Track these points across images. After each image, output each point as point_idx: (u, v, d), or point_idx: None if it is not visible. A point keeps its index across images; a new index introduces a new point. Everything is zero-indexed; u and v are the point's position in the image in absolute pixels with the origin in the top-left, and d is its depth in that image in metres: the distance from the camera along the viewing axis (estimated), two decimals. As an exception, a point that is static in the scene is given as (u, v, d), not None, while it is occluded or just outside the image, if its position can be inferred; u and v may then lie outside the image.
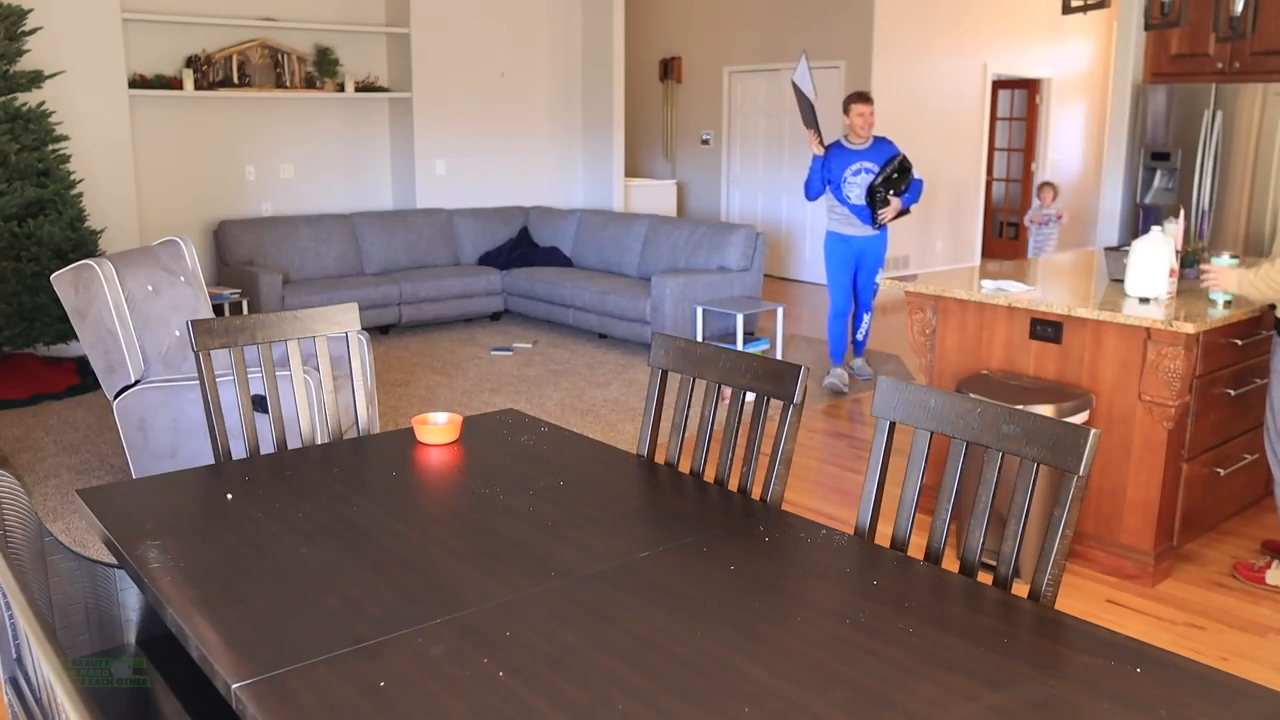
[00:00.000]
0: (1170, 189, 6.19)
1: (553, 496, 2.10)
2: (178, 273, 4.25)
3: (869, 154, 5.60)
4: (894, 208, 5.60)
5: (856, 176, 5.60)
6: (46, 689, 1.23)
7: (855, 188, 5.62)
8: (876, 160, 5.57)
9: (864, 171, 5.58)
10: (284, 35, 7.36)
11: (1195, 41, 5.96)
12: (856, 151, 5.62)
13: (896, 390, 2.01)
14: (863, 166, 5.58)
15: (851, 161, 5.61)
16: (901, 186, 5.58)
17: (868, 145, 5.62)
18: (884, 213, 5.62)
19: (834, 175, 5.65)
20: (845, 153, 5.65)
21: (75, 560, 2.06)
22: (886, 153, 5.61)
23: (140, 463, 3.80)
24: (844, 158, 5.64)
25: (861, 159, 5.60)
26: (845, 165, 5.62)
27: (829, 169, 5.66)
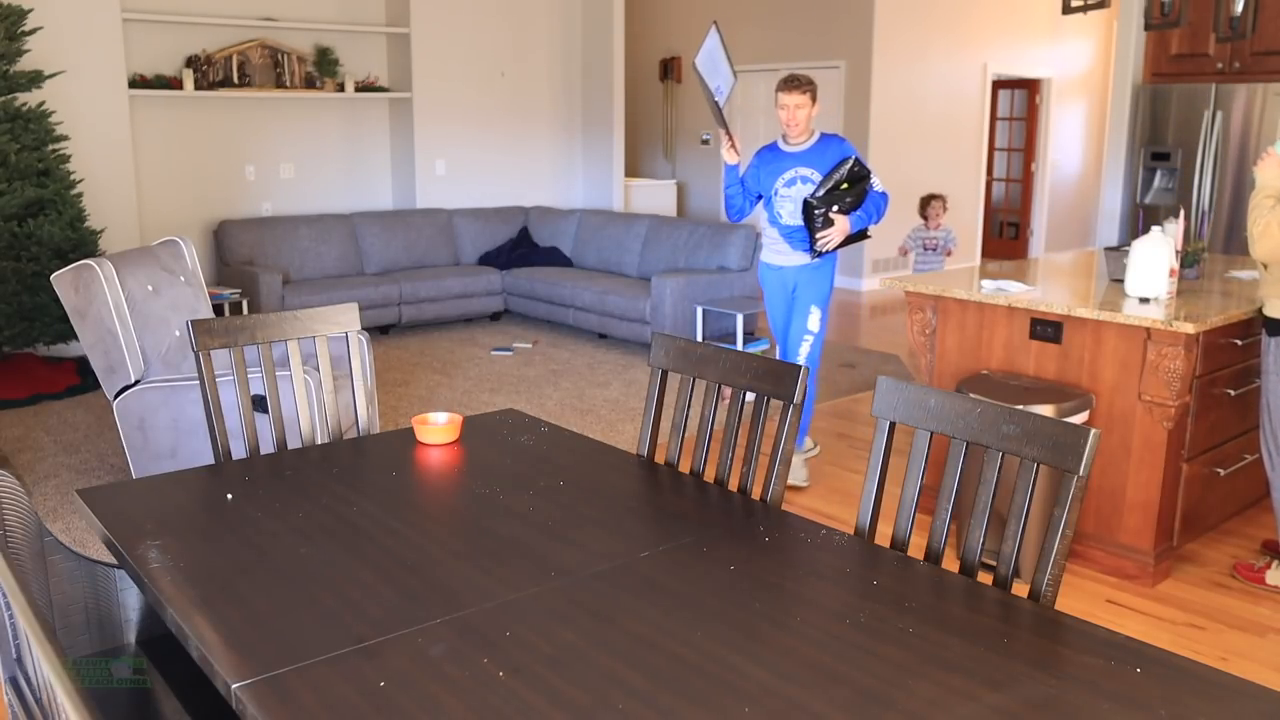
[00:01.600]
0: (1170, 189, 6.20)
1: (553, 496, 2.10)
2: (178, 273, 4.25)
3: (809, 158, 4.15)
4: (840, 229, 4.06)
5: (791, 188, 4.16)
6: (46, 689, 1.23)
7: (788, 202, 4.19)
8: (819, 166, 4.11)
9: (801, 181, 4.14)
10: (284, 35, 7.36)
11: (1195, 41, 5.96)
12: (792, 155, 4.17)
13: (896, 390, 2.01)
14: (799, 174, 4.15)
15: (785, 168, 4.18)
16: (849, 200, 4.08)
17: (807, 146, 4.17)
18: (825, 236, 4.09)
19: (765, 186, 4.27)
20: (779, 157, 4.21)
21: (75, 560, 2.06)
22: (834, 156, 4.11)
23: (140, 463, 3.80)
24: (777, 163, 4.21)
25: (798, 164, 4.16)
26: (778, 173, 4.20)
27: (759, 178, 4.28)
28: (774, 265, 4.39)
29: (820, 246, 4.13)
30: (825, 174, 4.09)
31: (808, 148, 4.18)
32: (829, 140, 4.21)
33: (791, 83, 4.09)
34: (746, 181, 4.31)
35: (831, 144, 4.19)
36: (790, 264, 4.31)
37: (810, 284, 4.30)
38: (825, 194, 4.05)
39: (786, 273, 4.34)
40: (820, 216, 4.09)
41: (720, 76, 4.24)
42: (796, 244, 4.24)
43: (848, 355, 6.84)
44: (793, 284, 4.34)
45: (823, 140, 4.21)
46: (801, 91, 4.08)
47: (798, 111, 4.08)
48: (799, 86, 4.08)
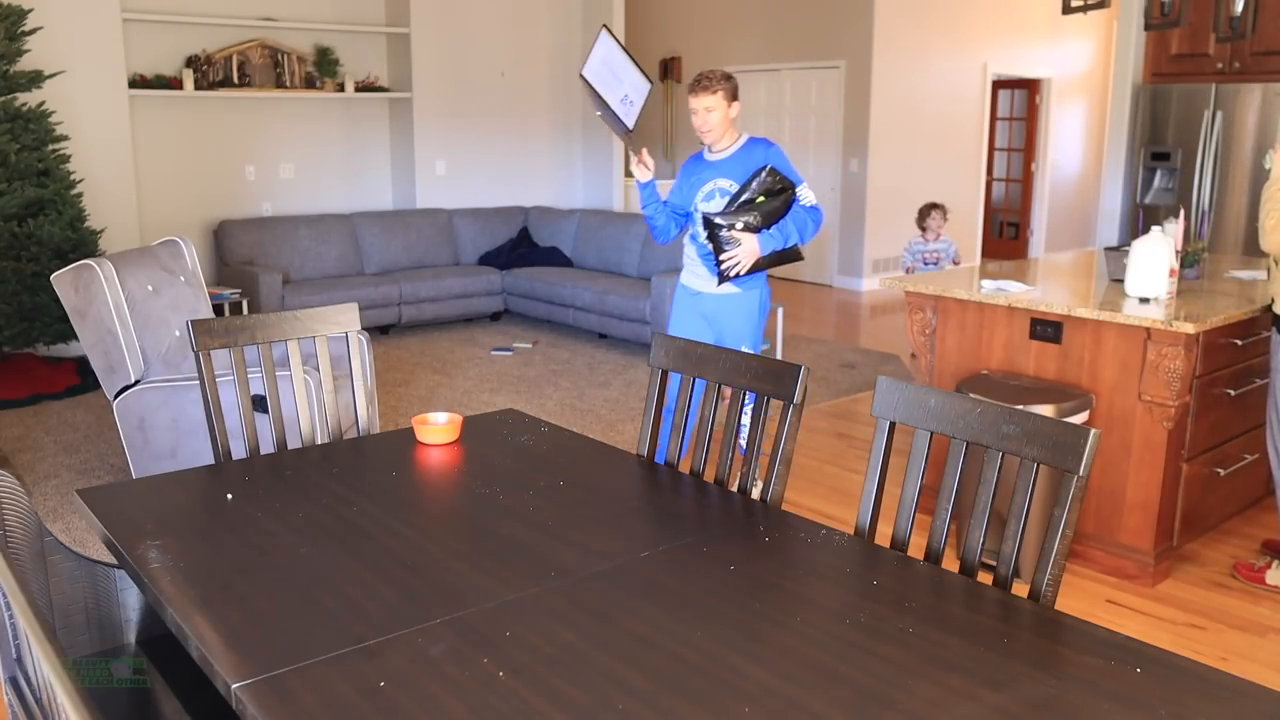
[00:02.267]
0: (1170, 189, 6.20)
1: (553, 496, 2.10)
2: (178, 273, 4.25)
3: (729, 167, 3.60)
4: (748, 250, 3.52)
5: (709, 202, 3.62)
6: (46, 689, 1.23)
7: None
8: (739, 176, 3.58)
9: (719, 194, 3.61)
10: (284, 35, 7.36)
11: (1195, 41, 5.96)
12: (713, 165, 3.64)
13: (896, 390, 2.01)
14: (717, 186, 3.61)
15: (704, 179, 3.64)
16: (760, 215, 3.51)
17: (730, 153, 3.62)
18: (730, 258, 3.54)
19: (687, 200, 3.71)
20: (700, 167, 3.69)
21: (75, 560, 2.06)
22: (756, 165, 3.57)
23: (140, 463, 3.80)
24: (697, 175, 3.68)
25: (718, 175, 3.61)
26: (697, 186, 3.66)
27: (682, 192, 3.72)
28: (691, 289, 3.80)
29: (726, 269, 3.56)
30: (741, 185, 3.57)
31: (729, 155, 3.62)
32: (753, 146, 3.64)
33: (699, 83, 3.55)
34: (672, 198, 3.75)
35: (755, 150, 3.62)
36: (709, 290, 3.71)
37: (734, 318, 3.69)
38: (739, 207, 3.52)
39: (705, 300, 3.74)
40: (724, 234, 3.52)
41: (626, 84, 3.62)
42: (715, 267, 3.65)
43: (848, 355, 6.84)
44: (712, 315, 3.73)
45: (747, 146, 3.64)
46: (710, 92, 3.51)
47: (709, 115, 3.54)
48: (707, 87, 3.52)
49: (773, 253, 3.58)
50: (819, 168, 9.72)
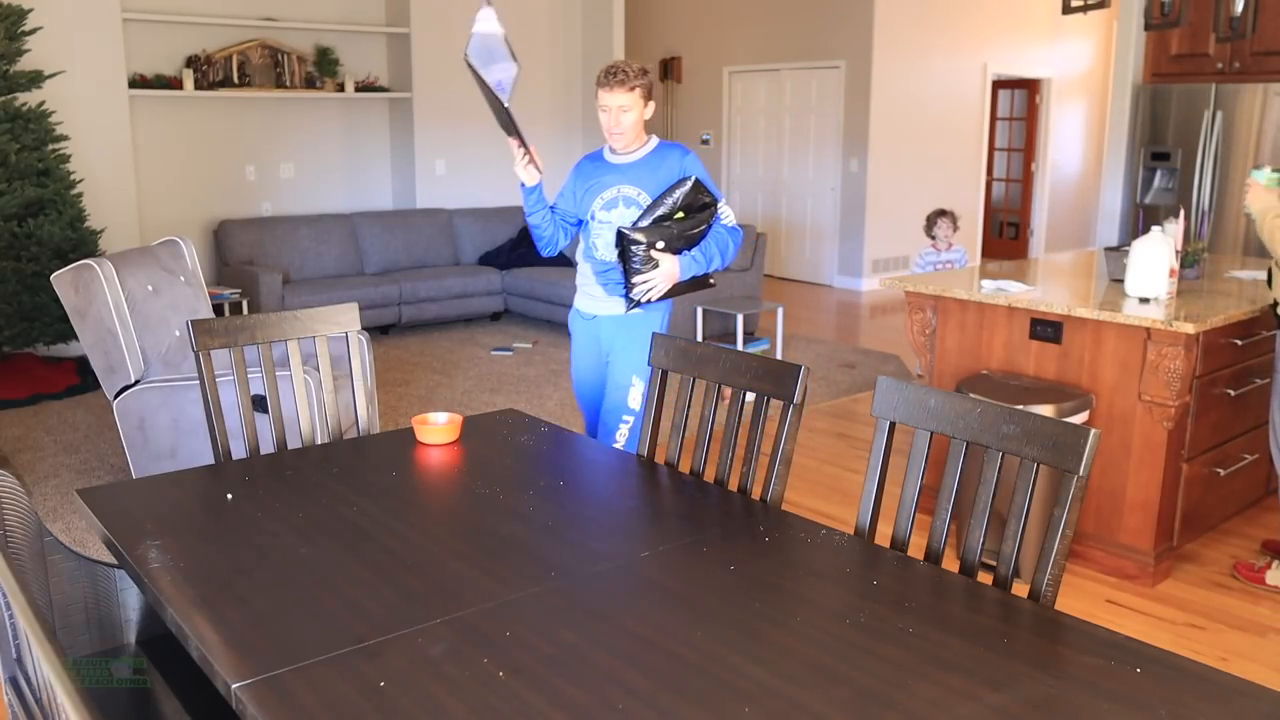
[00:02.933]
0: (1170, 189, 6.20)
1: (553, 496, 2.10)
2: (178, 273, 4.25)
3: (638, 173, 3.12)
4: (666, 273, 3.06)
5: (610, 211, 3.13)
6: (46, 689, 1.23)
7: (607, 230, 3.14)
8: (649, 185, 3.10)
9: (624, 203, 3.12)
10: (284, 35, 7.35)
11: (1195, 41, 5.96)
12: (617, 168, 3.15)
13: (896, 390, 2.01)
14: (622, 194, 3.12)
15: (606, 185, 3.15)
16: (682, 234, 3.06)
17: (639, 157, 3.14)
18: (644, 282, 3.07)
19: (582, 208, 3.21)
20: (601, 170, 3.19)
21: (75, 560, 2.06)
22: (671, 173, 3.11)
23: (140, 463, 3.80)
24: (597, 178, 3.18)
25: (623, 181, 3.13)
26: (596, 191, 3.17)
27: (575, 197, 3.23)
28: (584, 313, 3.30)
29: (639, 294, 3.07)
30: (656, 197, 3.06)
31: (638, 159, 3.14)
32: (666, 151, 3.14)
33: (613, 77, 3.03)
34: (561, 203, 3.25)
35: (668, 156, 3.13)
36: (604, 313, 3.23)
37: (630, 345, 3.18)
38: (650, 223, 3.03)
39: (600, 325, 3.25)
40: (639, 253, 3.02)
41: (500, 68, 3.07)
42: (613, 288, 3.18)
43: (848, 355, 6.84)
44: (607, 341, 3.25)
45: (659, 151, 3.14)
46: (626, 88, 3.02)
47: (622, 116, 3.04)
48: (623, 82, 3.01)
49: (691, 278, 3.13)
50: (819, 168, 9.73)
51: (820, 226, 9.83)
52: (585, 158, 3.29)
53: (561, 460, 2.35)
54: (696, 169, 3.11)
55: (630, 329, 3.19)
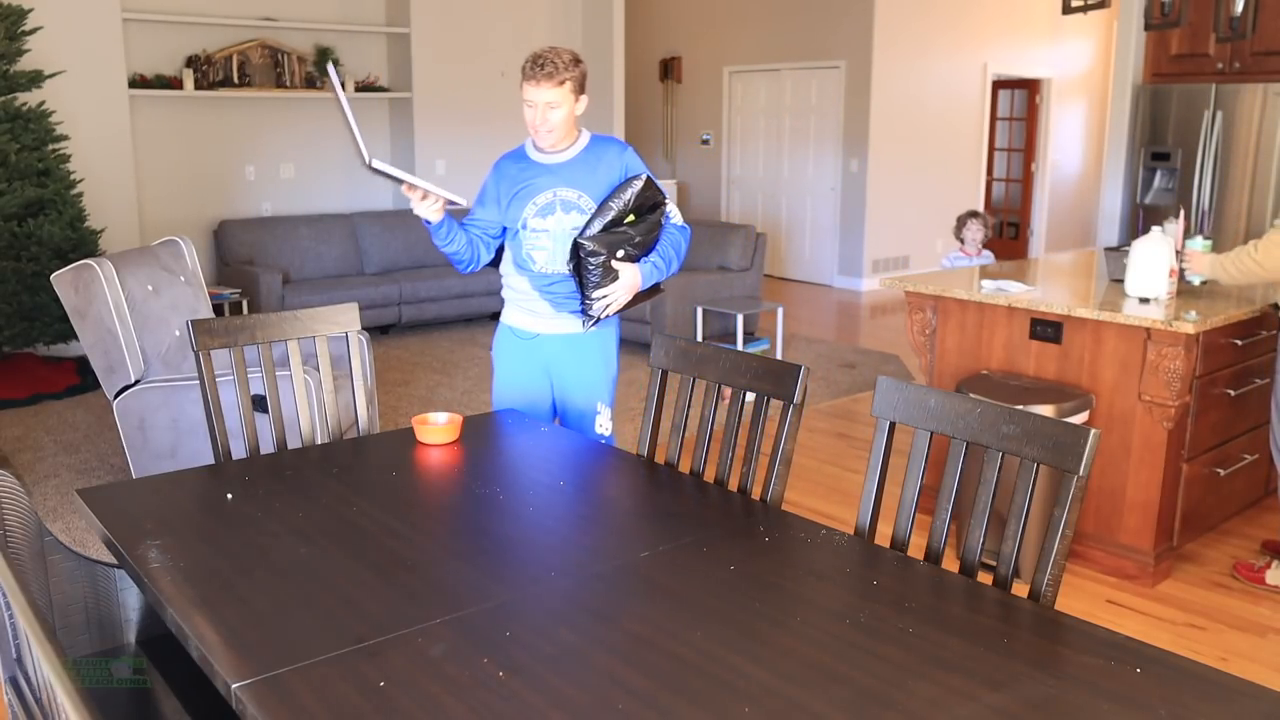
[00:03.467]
0: (1170, 189, 6.20)
1: (553, 496, 2.10)
2: (178, 273, 4.25)
3: (574, 173, 2.78)
4: (627, 284, 2.76)
5: (547, 219, 2.77)
6: (46, 689, 1.23)
7: (545, 240, 2.79)
8: (590, 187, 2.77)
9: (563, 208, 2.76)
10: (284, 35, 7.35)
11: (1195, 41, 5.96)
12: (550, 169, 2.79)
13: (896, 390, 2.01)
14: (559, 198, 2.76)
15: (538, 188, 2.78)
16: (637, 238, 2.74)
17: (572, 155, 2.79)
18: (606, 294, 2.75)
19: (510, 215, 2.83)
20: (529, 171, 2.81)
21: (75, 560, 2.06)
22: (612, 171, 2.79)
23: (140, 463, 3.80)
24: (525, 181, 2.80)
25: (559, 183, 2.77)
26: (528, 197, 2.79)
27: (499, 202, 2.84)
28: (522, 331, 2.91)
29: (599, 310, 2.76)
30: (601, 200, 2.72)
31: (572, 157, 2.78)
32: (602, 146, 2.81)
33: (540, 68, 2.64)
34: (481, 214, 2.87)
35: (607, 152, 2.80)
36: (550, 331, 2.87)
37: (585, 366, 2.89)
38: (601, 229, 2.69)
39: (543, 344, 2.88)
40: (598, 265, 2.69)
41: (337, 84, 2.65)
42: (560, 303, 2.83)
43: (848, 355, 6.84)
44: (554, 363, 2.89)
45: (595, 146, 2.80)
46: (555, 82, 2.64)
47: (550, 113, 2.68)
48: (551, 75, 2.63)
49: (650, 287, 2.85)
50: (819, 168, 9.73)
51: (820, 226, 9.83)
52: (505, 157, 2.85)
53: (561, 460, 2.35)
54: (639, 165, 2.81)
55: (581, 348, 2.88)
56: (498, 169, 2.86)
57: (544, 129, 2.71)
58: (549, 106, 2.68)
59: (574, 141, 2.80)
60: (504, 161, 2.86)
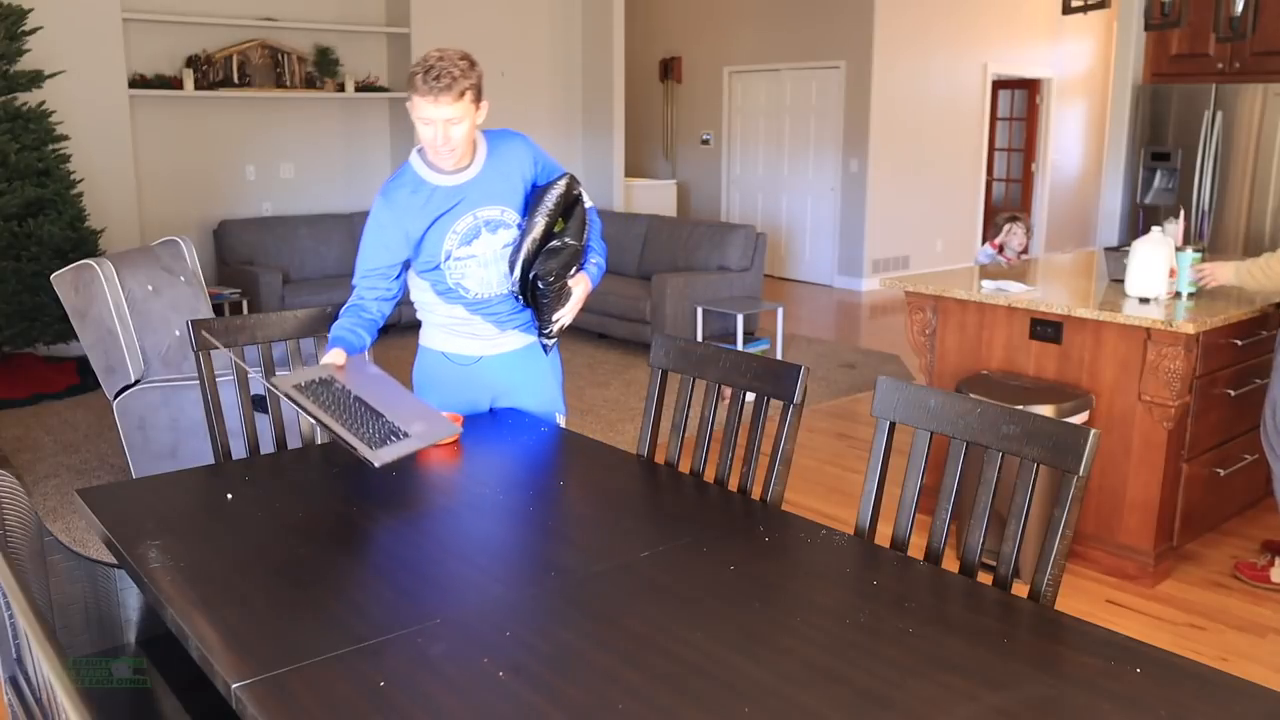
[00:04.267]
0: (1170, 189, 6.20)
1: (553, 496, 2.10)
2: (178, 273, 4.25)
3: (488, 188, 2.48)
4: (581, 297, 2.60)
5: (473, 244, 2.47)
6: (46, 689, 1.23)
7: (475, 267, 2.51)
8: (510, 199, 2.51)
9: (488, 228, 2.48)
10: (284, 35, 7.35)
11: (1195, 41, 5.96)
12: (458, 190, 2.45)
13: (896, 390, 2.00)
14: (481, 220, 2.47)
15: (454, 215, 2.45)
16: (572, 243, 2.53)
17: (478, 171, 2.46)
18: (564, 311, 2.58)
19: (428, 250, 2.49)
20: (436, 199, 2.44)
21: (75, 560, 2.06)
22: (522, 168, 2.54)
23: (140, 463, 3.80)
24: (443, 212, 2.45)
25: (475, 204, 2.46)
26: (444, 228, 2.45)
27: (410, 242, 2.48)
28: (461, 357, 2.66)
29: (559, 330, 2.61)
30: (526, 213, 2.49)
31: (480, 171, 2.46)
32: (503, 145, 2.53)
33: (435, 78, 2.25)
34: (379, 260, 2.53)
35: (508, 150, 2.53)
36: (496, 352, 2.66)
37: (537, 379, 2.72)
38: (542, 249, 2.47)
39: (485, 367, 2.66)
40: (553, 290, 2.51)
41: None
42: (504, 321, 2.62)
43: (848, 355, 6.84)
44: (500, 382, 2.69)
45: (495, 149, 2.50)
46: (455, 95, 2.27)
47: (452, 130, 2.32)
48: (449, 86, 2.26)
49: None
50: (819, 168, 9.73)
51: (820, 226, 9.83)
52: (394, 188, 2.45)
53: (561, 460, 2.35)
54: (541, 155, 2.61)
55: (531, 362, 2.70)
56: (391, 204, 2.45)
57: (445, 149, 2.34)
58: (449, 123, 2.30)
59: (475, 153, 2.45)
60: (395, 194, 2.45)
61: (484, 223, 2.48)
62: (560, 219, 2.50)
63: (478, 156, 2.47)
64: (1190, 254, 3.45)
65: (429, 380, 2.70)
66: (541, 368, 2.72)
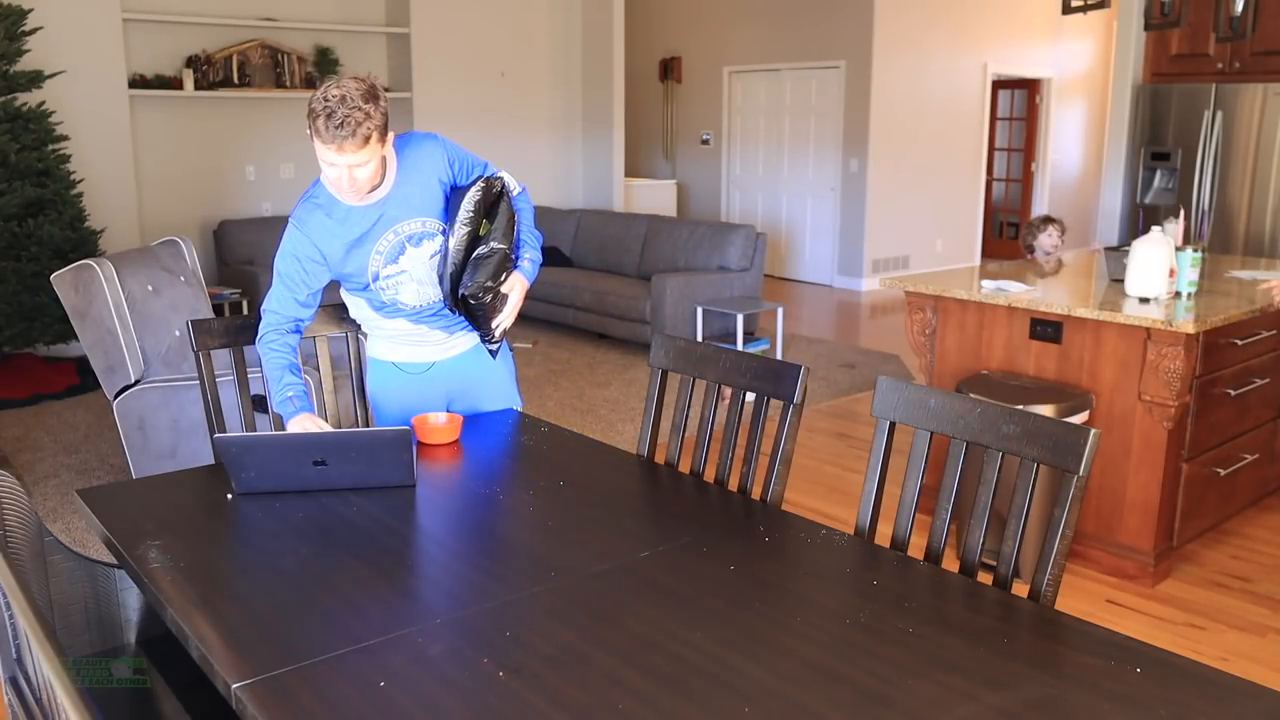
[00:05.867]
0: (1170, 189, 6.20)
1: (553, 496, 2.10)
2: (178, 273, 4.25)
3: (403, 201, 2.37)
4: (520, 297, 2.52)
5: (399, 260, 2.42)
6: (46, 689, 1.23)
7: (406, 280, 2.46)
8: (429, 209, 2.42)
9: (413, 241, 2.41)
10: (284, 35, 7.35)
11: (1195, 41, 5.96)
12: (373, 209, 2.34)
13: (896, 390, 2.00)
14: (405, 235, 2.39)
15: (375, 234, 2.36)
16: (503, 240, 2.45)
17: (389, 187, 2.35)
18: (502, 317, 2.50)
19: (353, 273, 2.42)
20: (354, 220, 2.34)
21: (75, 560, 2.06)
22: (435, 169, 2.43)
23: (140, 463, 3.80)
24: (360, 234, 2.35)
25: (396, 220, 2.37)
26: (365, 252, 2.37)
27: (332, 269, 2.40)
28: (413, 365, 2.61)
29: (501, 334, 2.54)
30: (449, 223, 2.40)
31: (393, 187, 2.35)
32: (414, 153, 2.41)
33: (339, 128, 2.11)
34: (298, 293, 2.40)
35: (422, 157, 2.42)
36: (448, 355, 2.63)
37: (492, 375, 2.71)
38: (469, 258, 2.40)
39: (438, 371, 2.63)
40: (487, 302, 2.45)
41: None
42: (452, 325, 2.58)
43: (848, 355, 6.84)
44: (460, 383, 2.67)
45: (406, 160, 2.38)
46: (360, 141, 2.14)
47: (357, 173, 2.21)
48: (353, 133, 2.12)
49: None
50: (819, 168, 9.73)
51: (820, 226, 9.83)
52: (306, 210, 2.35)
53: (561, 460, 2.35)
54: (458, 153, 2.50)
55: (482, 360, 2.67)
56: (305, 229, 2.35)
57: (351, 190, 2.25)
58: (354, 167, 2.19)
59: (385, 169, 2.32)
60: (308, 218, 2.34)
61: (406, 238, 2.40)
62: (485, 221, 2.42)
63: (389, 172, 2.34)
64: (1190, 254, 3.45)
65: (384, 391, 2.63)
66: (494, 365, 2.69)
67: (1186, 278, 3.45)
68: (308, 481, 2.05)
